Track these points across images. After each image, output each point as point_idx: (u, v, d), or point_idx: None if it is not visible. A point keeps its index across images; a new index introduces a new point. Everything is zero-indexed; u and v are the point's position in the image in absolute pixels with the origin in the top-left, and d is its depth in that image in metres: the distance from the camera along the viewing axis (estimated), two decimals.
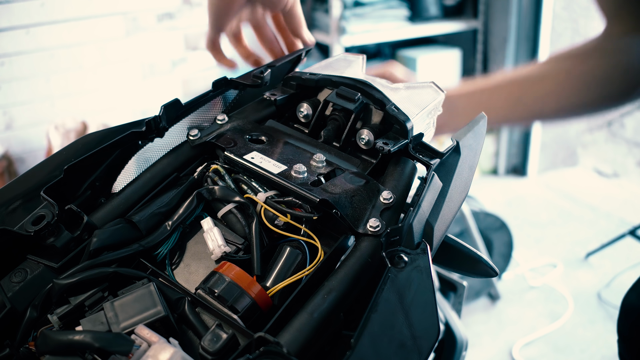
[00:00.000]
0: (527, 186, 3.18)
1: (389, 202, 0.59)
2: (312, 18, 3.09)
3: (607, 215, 2.85)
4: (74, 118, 2.46)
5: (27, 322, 0.51)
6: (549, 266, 2.47)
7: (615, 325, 0.88)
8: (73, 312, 0.51)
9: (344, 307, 0.51)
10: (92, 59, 2.60)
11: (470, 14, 3.29)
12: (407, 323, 0.48)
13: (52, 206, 0.56)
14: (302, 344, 0.46)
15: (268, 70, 0.76)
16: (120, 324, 0.48)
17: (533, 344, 2.07)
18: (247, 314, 0.53)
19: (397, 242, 0.54)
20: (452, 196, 0.63)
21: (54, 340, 0.44)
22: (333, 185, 0.61)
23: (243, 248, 0.61)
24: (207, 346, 0.46)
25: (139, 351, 0.44)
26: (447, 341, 0.96)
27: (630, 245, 2.48)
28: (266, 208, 0.62)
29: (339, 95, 0.71)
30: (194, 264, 0.61)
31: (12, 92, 2.48)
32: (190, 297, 0.55)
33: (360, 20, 2.92)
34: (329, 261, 0.56)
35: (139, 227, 0.60)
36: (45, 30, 2.46)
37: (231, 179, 0.66)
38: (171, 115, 0.69)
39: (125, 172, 0.68)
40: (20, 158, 2.59)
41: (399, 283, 0.50)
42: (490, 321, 2.19)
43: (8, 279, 0.55)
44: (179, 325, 0.52)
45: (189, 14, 2.76)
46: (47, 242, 0.56)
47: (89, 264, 0.54)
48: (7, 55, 2.43)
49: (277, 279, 0.57)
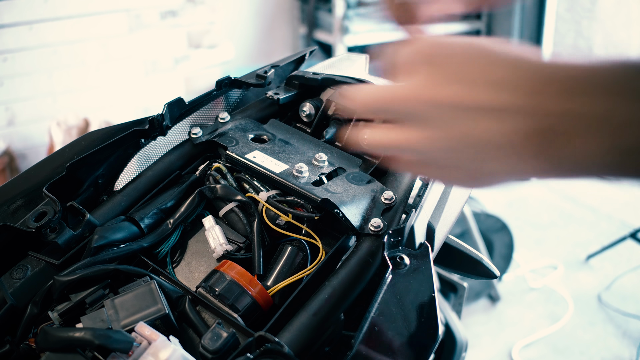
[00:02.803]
0: (529, 187, 3.18)
1: (391, 202, 0.59)
2: (315, 17, 3.09)
3: (608, 217, 2.85)
4: (76, 114, 2.46)
5: (28, 319, 0.51)
6: (549, 268, 2.47)
7: (615, 328, 0.88)
8: (73, 309, 0.51)
9: (345, 307, 0.51)
10: (95, 56, 2.60)
11: (473, 15, 3.28)
12: (408, 324, 0.48)
13: (54, 203, 0.56)
14: (303, 344, 0.46)
15: (272, 69, 0.76)
16: (120, 322, 0.48)
17: (533, 345, 2.07)
18: (248, 313, 0.53)
19: (398, 242, 0.54)
20: (454, 197, 0.63)
21: (55, 337, 0.44)
22: (335, 185, 0.61)
23: (244, 247, 0.61)
24: (207, 345, 0.46)
25: (139, 349, 0.44)
26: (447, 342, 0.96)
27: (631, 247, 2.47)
28: (268, 207, 0.62)
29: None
30: (195, 262, 0.61)
31: (14, 88, 2.48)
32: (190, 295, 0.55)
33: (364, 20, 2.91)
34: (330, 261, 0.56)
35: (141, 225, 0.60)
36: (48, 27, 2.46)
37: (233, 178, 0.66)
38: (174, 113, 0.69)
39: (127, 170, 0.68)
40: (22, 154, 2.59)
41: (400, 284, 0.50)
42: (490, 322, 2.19)
43: (9, 275, 0.55)
44: (179, 323, 0.52)
45: (192, 11, 2.76)
46: (49, 238, 0.56)
47: (90, 261, 0.54)
48: (10, 51, 2.43)
49: (278, 278, 0.57)
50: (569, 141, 0.35)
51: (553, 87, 0.35)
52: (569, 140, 0.35)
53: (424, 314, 0.49)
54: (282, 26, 3.21)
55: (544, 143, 0.36)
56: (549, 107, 0.35)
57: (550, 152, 0.36)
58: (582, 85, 0.35)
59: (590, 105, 0.34)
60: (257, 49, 3.15)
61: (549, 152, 0.36)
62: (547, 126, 0.35)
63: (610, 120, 0.33)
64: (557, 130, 0.35)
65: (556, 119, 0.35)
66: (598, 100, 0.34)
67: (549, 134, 0.36)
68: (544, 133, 0.36)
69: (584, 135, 0.34)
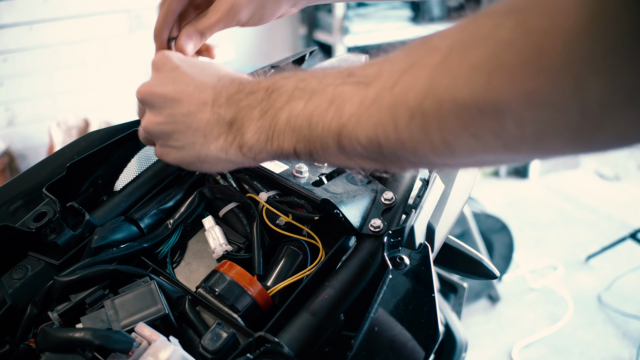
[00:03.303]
0: (528, 188, 3.18)
1: (391, 202, 0.59)
2: (315, 18, 3.09)
3: (608, 217, 2.85)
4: (76, 115, 2.46)
5: (28, 319, 0.51)
6: (549, 268, 2.47)
7: (615, 328, 0.88)
8: (73, 310, 0.51)
9: (345, 307, 0.51)
10: (95, 56, 2.60)
11: None
12: (408, 324, 0.48)
13: (54, 203, 0.56)
14: (303, 344, 0.46)
15: (272, 70, 0.76)
16: (120, 322, 0.48)
17: (533, 345, 2.07)
18: (248, 313, 0.53)
19: (398, 243, 0.54)
20: (454, 198, 0.63)
21: (54, 337, 0.44)
22: (335, 185, 0.61)
23: (244, 247, 0.61)
24: (207, 345, 0.46)
25: (139, 349, 0.44)
26: (446, 342, 0.95)
27: (630, 248, 2.48)
28: (268, 208, 0.62)
29: None
30: (194, 262, 0.61)
31: (14, 88, 2.48)
32: (190, 295, 0.55)
33: (364, 20, 2.91)
34: (330, 261, 0.56)
35: (141, 225, 0.60)
36: (48, 27, 2.46)
37: (233, 178, 0.66)
38: None
39: (127, 170, 0.68)
40: (22, 154, 2.59)
41: (399, 284, 0.50)
42: (490, 323, 2.19)
43: (9, 276, 0.55)
44: (179, 323, 0.52)
45: None
46: (49, 239, 0.56)
47: (90, 261, 0.54)
48: (10, 51, 2.43)
49: (277, 278, 0.57)
50: (242, 125, 0.47)
51: (238, 88, 0.48)
52: (242, 124, 0.47)
53: (423, 314, 0.49)
54: (282, 26, 3.21)
55: (232, 128, 0.48)
56: (232, 102, 0.48)
57: (238, 139, 0.48)
58: (252, 87, 0.47)
59: (252, 100, 0.47)
60: (257, 49, 3.15)
61: (236, 138, 0.48)
62: (231, 117, 0.48)
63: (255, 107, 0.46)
64: (236, 118, 0.48)
65: (236, 109, 0.48)
66: (258, 96, 0.47)
67: (234, 124, 0.48)
68: (231, 123, 0.48)
69: (248, 119, 0.47)
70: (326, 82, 0.42)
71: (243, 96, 0.48)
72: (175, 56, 0.54)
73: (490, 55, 0.32)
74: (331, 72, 0.43)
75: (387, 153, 0.39)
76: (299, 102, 0.43)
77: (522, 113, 0.31)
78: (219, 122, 0.49)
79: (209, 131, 0.49)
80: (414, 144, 0.37)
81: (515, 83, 0.31)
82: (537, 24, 0.30)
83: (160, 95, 0.51)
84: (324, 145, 0.42)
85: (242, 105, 0.47)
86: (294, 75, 0.45)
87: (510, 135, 0.33)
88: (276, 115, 0.45)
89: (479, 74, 0.32)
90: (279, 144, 0.45)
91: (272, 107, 0.45)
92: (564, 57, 0.29)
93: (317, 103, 0.42)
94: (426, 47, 0.36)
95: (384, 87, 0.37)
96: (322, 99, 0.42)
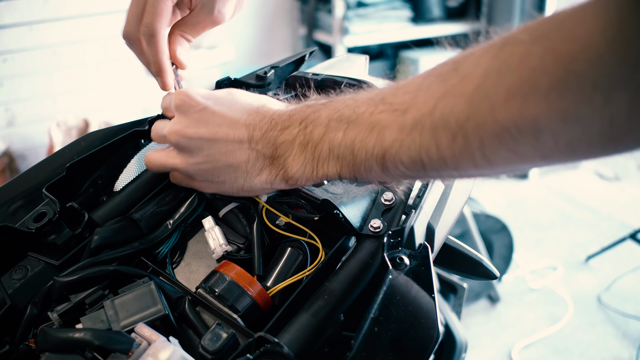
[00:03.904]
0: (528, 188, 3.18)
1: (391, 203, 0.59)
2: (315, 18, 3.09)
3: (608, 218, 2.85)
4: (75, 115, 2.46)
5: (27, 319, 0.51)
6: (549, 269, 2.47)
7: (615, 329, 0.88)
8: (73, 310, 0.51)
9: (344, 308, 0.51)
10: (95, 56, 2.61)
11: (473, 15, 3.28)
12: (407, 324, 0.48)
13: (54, 203, 0.56)
14: (302, 344, 0.46)
15: (272, 70, 0.76)
16: (120, 322, 0.48)
17: (532, 346, 2.07)
18: (248, 313, 0.53)
19: (398, 243, 0.54)
20: (454, 198, 0.63)
21: (54, 338, 0.44)
22: (335, 186, 0.61)
23: (244, 248, 0.61)
24: (207, 345, 0.46)
25: (139, 350, 0.44)
26: (446, 343, 0.95)
27: (630, 248, 2.48)
28: (268, 208, 0.62)
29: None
30: (194, 262, 0.61)
31: (14, 88, 2.49)
32: (190, 296, 0.55)
33: (363, 20, 2.92)
34: (329, 262, 0.56)
35: (140, 226, 0.60)
36: (48, 27, 2.46)
37: None
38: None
39: (127, 171, 0.68)
40: (22, 155, 2.59)
41: (399, 285, 0.50)
42: (489, 323, 2.19)
43: (9, 276, 0.55)
44: (179, 324, 0.52)
45: None
46: (48, 239, 0.56)
47: (90, 261, 0.54)
48: (10, 52, 2.43)
49: (277, 279, 0.57)
50: (285, 159, 0.51)
51: (270, 124, 0.51)
52: (285, 159, 0.51)
53: (423, 314, 0.49)
54: (282, 27, 3.21)
55: (275, 163, 0.51)
56: (269, 138, 0.51)
57: (282, 172, 0.51)
58: (284, 123, 0.50)
59: (288, 135, 0.50)
60: (257, 49, 3.15)
61: (280, 171, 0.51)
62: (271, 153, 0.51)
63: (294, 142, 0.50)
64: (277, 154, 0.51)
65: (274, 145, 0.51)
66: (293, 131, 0.50)
67: (275, 159, 0.51)
68: (272, 158, 0.51)
69: (291, 154, 0.50)
70: (359, 110, 0.45)
71: (278, 132, 0.50)
72: (198, 95, 0.55)
73: (524, 81, 0.35)
74: (362, 99, 0.46)
75: (430, 170, 0.43)
76: (338, 132, 0.47)
77: (556, 128, 0.35)
78: (258, 158, 0.52)
79: (251, 167, 0.52)
80: (456, 161, 0.41)
81: (549, 103, 0.34)
82: (564, 48, 0.33)
83: (196, 139, 0.53)
84: (368, 168, 0.46)
85: (279, 141, 0.50)
86: (324, 106, 0.49)
87: (547, 148, 0.36)
88: (317, 147, 0.48)
89: (516, 98, 0.35)
90: (324, 172, 0.49)
91: (310, 140, 0.48)
92: (591, 76, 0.32)
93: (356, 132, 0.45)
94: (457, 74, 0.40)
95: (423, 114, 0.41)
96: (361, 127, 0.45)
